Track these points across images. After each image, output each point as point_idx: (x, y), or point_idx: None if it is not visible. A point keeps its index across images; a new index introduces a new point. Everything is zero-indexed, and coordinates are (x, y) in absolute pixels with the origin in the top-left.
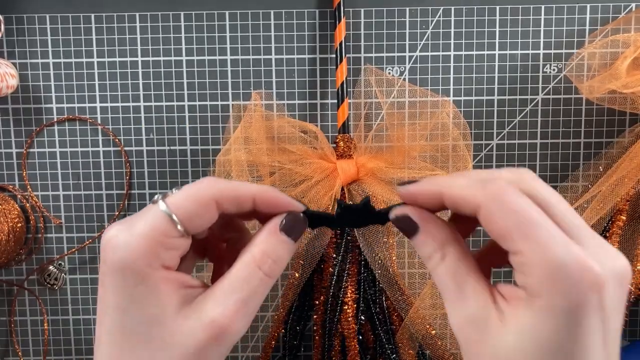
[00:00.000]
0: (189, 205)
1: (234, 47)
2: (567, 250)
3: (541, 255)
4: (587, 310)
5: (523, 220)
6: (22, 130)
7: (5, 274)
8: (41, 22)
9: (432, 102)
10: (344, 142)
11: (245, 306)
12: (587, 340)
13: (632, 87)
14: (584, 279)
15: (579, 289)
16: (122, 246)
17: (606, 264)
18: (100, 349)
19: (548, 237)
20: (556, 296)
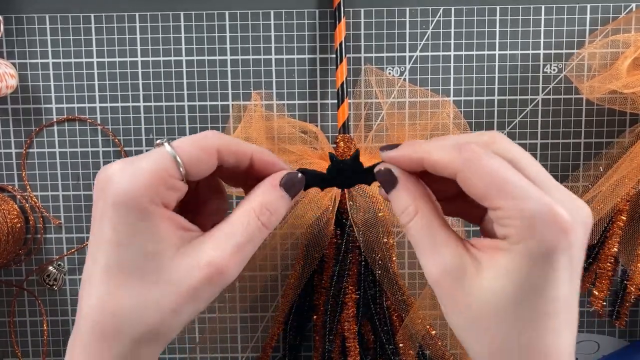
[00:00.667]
0: (193, 150)
1: (234, 47)
2: (539, 201)
3: (518, 208)
4: (558, 251)
5: (498, 180)
6: (21, 130)
7: (4, 275)
8: (41, 22)
9: (433, 103)
10: (344, 142)
11: (241, 251)
12: (557, 276)
13: (632, 87)
14: (555, 224)
15: (552, 233)
16: (127, 180)
17: (573, 211)
18: (92, 286)
19: (522, 191)
20: (533, 241)
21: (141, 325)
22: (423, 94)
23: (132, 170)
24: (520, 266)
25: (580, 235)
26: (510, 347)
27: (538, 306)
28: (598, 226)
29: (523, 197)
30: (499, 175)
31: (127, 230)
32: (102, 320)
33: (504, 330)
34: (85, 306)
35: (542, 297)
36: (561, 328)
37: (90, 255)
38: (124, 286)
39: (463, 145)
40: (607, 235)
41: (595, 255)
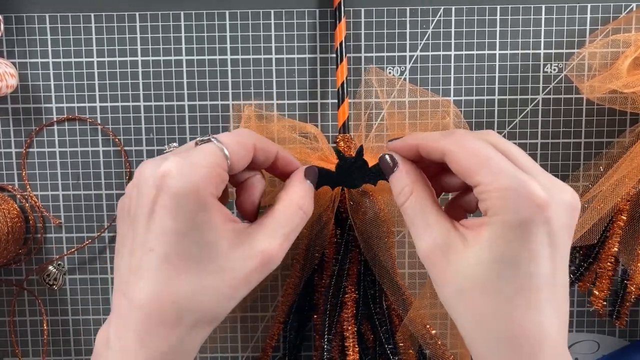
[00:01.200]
0: (236, 146)
1: (234, 47)
2: (515, 177)
3: (495, 182)
4: (534, 224)
5: (480, 158)
6: (21, 130)
7: (4, 274)
8: (41, 22)
9: (433, 103)
10: (344, 142)
11: (287, 240)
12: (534, 249)
13: (632, 87)
14: (530, 198)
15: (526, 207)
16: (188, 173)
17: (552, 191)
18: (146, 276)
19: (500, 168)
20: (508, 213)
21: (200, 312)
22: (423, 93)
23: (190, 164)
24: (497, 238)
25: (562, 216)
26: (491, 318)
27: (517, 279)
28: (598, 226)
29: (501, 173)
30: (481, 153)
31: (188, 220)
32: (161, 308)
33: (486, 302)
34: (140, 295)
35: (521, 270)
36: (542, 305)
37: (149, 246)
38: (184, 274)
39: (453, 130)
40: (608, 234)
41: (595, 254)
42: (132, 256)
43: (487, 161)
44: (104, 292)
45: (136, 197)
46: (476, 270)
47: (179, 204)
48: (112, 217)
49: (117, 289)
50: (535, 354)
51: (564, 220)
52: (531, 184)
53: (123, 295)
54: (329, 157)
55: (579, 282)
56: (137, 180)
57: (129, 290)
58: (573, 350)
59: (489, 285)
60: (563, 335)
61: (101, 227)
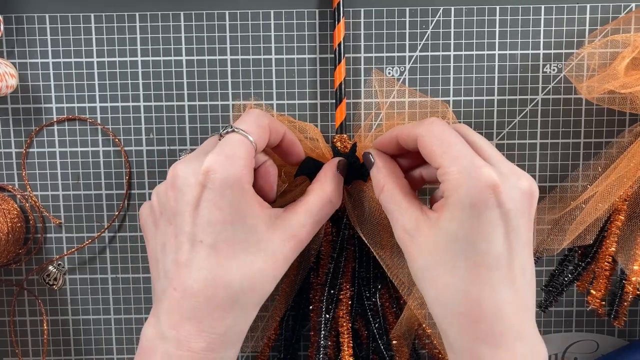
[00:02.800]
0: (258, 130)
1: (234, 47)
2: (471, 161)
3: (453, 166)
4: (486, 205)
5: (442, 142)
6: (21, 130)
7: (4, 274)
8: (41, 22)
9: (431, 105)
10: (341, 142)
11: (315, 227)
12: (487, 230)
13: (630, 87)
14: (481, 180)
15: (478, 188)
16: (229, 167)
17: (508, 177)
18: (197, 265)
19: (459, 153)
20: (462, 194)
21: (251, 293)
22: (420, 96)
23: (228, 158)
24: (453, 218)
25: (517, 201)
26: (450, 294)
27: (471, 257)
28: (596, 226)
29: (459, 157)
30: (444, 138)
31: (233, 210)
32: (216, 293)
33: (445, 278)
34: (194, 285)
35: (475, 249)
36: (496, 283)
37: (187, 241)
38: (233, 259)
39: (427, 118)
40: (605, 234)
41: (593, 254)
42: (178, 251)
43: (449, 146)
44: (104, 292)
45: (174, 198)
46: (436, 248)
47: (225, 196)
48: (112, 217)
49: (164, 285)
50: (492, 331)
51: (519, 205)
52: (485, 168)
53: (174, 290)
54: (326, 156)
55: (577, 282)
56: (173, 181)
57: (181, 282)
58: (572, 350)
59: (447, 263)
60: (524, 318)
61: (101, 227)
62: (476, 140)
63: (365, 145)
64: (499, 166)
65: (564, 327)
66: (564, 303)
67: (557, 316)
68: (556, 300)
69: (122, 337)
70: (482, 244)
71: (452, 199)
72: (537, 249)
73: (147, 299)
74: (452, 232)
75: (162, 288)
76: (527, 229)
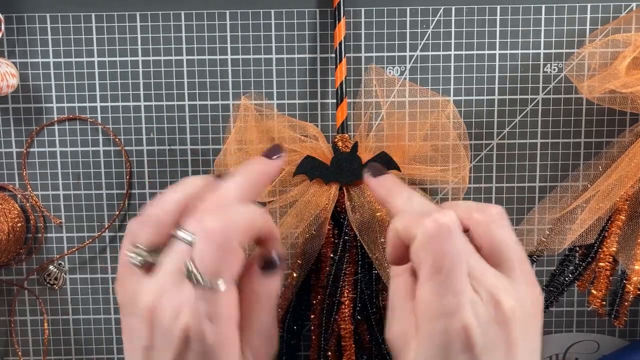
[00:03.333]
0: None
1: (235, 47)
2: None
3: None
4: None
5: (437, 261)
6: (22, 129)
7: (5, 274)
8: (41, 22)
9: (432, 102)
10: (342, 142)
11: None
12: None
13: (631, 87)
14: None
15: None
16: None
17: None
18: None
19: (456, 282)
20: (430, 330)
21: None
22: (422, 93)
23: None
24: (422, 352)
25: (491, 335)
26: None
27: None
28: (597, 226)
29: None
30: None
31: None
32: None
33: None
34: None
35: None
36: None
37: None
38: None
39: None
40: (606, 234)
41: (594, 254)
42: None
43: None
44: (104, 291)
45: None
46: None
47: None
48: (112, 217)
49: None
50: None
51: (485, 335)
52: (461, 311)
53: None
54: (327, 156)
55: (578, 282)
56: (150, 313)
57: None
58: (573, 350)
59: None
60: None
61: (102, 227)
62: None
63: (366, 144)
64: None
65: (564, 327)
66: (565, 303)
67: (558, 316)
68: (557, 300)
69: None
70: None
71: (421, 332)
72: (537, 248)
73: None
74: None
75: None
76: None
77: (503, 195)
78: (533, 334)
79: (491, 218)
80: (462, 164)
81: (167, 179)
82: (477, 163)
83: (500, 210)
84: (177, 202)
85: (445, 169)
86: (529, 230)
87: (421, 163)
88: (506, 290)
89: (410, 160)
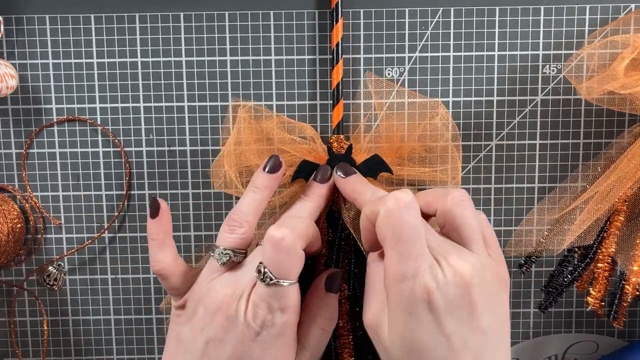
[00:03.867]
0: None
1: (234, 48)
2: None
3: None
4: (420, 309)
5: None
6: (21, 130)
7: (4, 275)
8: (41, 23)
9: (425, 104)
10: (338, 143)
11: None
12: (427, 331)
13: (629, 88)
14: (417, 285)
15: (413, 293)
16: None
17: (433, 272)
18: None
19: (418, 250)
20: (398, 297)
21: None
22: (413, 95)
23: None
24: (393, 320)
25: (449, 294)
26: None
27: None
28: (595, 227)
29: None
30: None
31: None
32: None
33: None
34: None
35: (417, 348)
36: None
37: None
38: None
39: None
40: (605, 235)
41: (592, 255)
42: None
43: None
44: (103, 292)
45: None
46: (390, 346)
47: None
48: (112, 218)
49: None
50: None
51: (446, 296)
52: (424, 274)
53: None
54: (323, 157)
55: (577, 283)
56: (223, 307)
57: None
58: (572, 351)
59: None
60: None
61: (101, 228)
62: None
63: (362, 146)
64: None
65: (563, 328)
66: (564, 304)
67: (557, 317)
68: (556, 301)
69: (122, 337)
70: (425, 342)
71: (391, 301)
72: (536, 249)
73: (147, 299)
74: (398, 332)
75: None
76: (455, 315)
77: (502, 196)
78: (497, 305)
79: (453, 200)
80: (454, 165)
81: (166, 180)
82: (476, 164)
83: (462, 193)
84: (255, 209)
85: (438, 169)
86: (527, 231)
87: (414, 164)
88: (464, 258)
89: (403, 162)
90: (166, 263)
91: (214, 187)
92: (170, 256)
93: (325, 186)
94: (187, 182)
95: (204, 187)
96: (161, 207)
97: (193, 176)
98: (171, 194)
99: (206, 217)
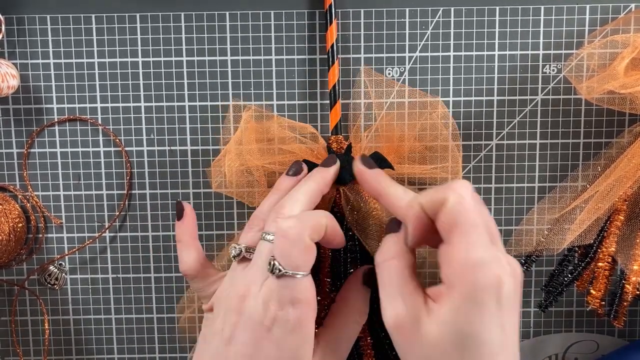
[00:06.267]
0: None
1: (234, 48)
2: (489, 254)
3: (467, 252)
4: (489, 300)
5: (468, 222)
6: (22, 130)
7: (5, 274)
8: (42, 23)
9: (424, 103)
10: (337, 143)
11: (341, 348)
12: (487, 320)
13: (629, 88)
14: (489, 277)
15: (485, 285)
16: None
17: (504, 265)
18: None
19: (477, 240)
20: (468, 288)
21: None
22: (414, 93)
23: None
24: (455, 310)
25: (510, 285)
26: None
27: (475, 348)
28: (595, 226)
29: (475, 246)
30: (472, 218)
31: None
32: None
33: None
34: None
35: (478, 340)
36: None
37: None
38: None
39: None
40: (605, 234)
41: (593, 254)
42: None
43: (473, 229)
44: (104, 292)
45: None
46: (439, 341)
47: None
48: (112, 217)
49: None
50: None
51: (511, 288)
52: (493, 264)
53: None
54: (324, 157)
55: (577, 282)
56: (241, 302)
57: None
58: (572, 350)
59: (450, 355)
60: None
61: (102, 227)
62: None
63: (361, 145)
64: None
65: (564, 327)
66: (564, 303)
67: (557, 316)
68: (556, 300)
69: (122, 337)
70: (484, 334)
71: (454, 290)
72: (536, 248)
73: (148, 299)
74: (455, 325)
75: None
76: (515, 309)
77: (502, 196)
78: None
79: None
80: (454, 163)
81: (167, 179)
82: (476, 163)
83: (465, 185)
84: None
85: (439, 167)
86: (528, 231)
87: (414, 163)
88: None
89: (403, 160)
90: (191, 264)
91: (212, 187)
92: (195, 257)
93: (327, 171)
94: (187, 181)
95: (205, 187)
96: (185, 210)
97: (194, 176)
98: (172, 194)
99: (206, 217)
